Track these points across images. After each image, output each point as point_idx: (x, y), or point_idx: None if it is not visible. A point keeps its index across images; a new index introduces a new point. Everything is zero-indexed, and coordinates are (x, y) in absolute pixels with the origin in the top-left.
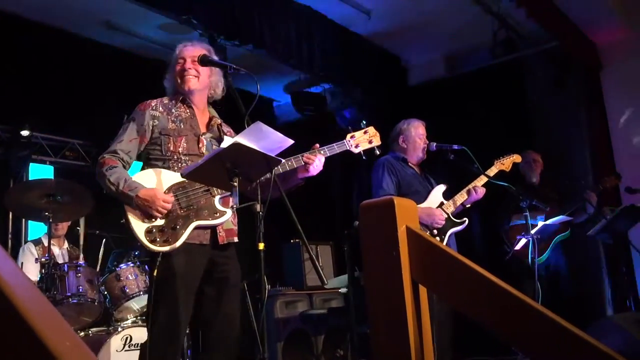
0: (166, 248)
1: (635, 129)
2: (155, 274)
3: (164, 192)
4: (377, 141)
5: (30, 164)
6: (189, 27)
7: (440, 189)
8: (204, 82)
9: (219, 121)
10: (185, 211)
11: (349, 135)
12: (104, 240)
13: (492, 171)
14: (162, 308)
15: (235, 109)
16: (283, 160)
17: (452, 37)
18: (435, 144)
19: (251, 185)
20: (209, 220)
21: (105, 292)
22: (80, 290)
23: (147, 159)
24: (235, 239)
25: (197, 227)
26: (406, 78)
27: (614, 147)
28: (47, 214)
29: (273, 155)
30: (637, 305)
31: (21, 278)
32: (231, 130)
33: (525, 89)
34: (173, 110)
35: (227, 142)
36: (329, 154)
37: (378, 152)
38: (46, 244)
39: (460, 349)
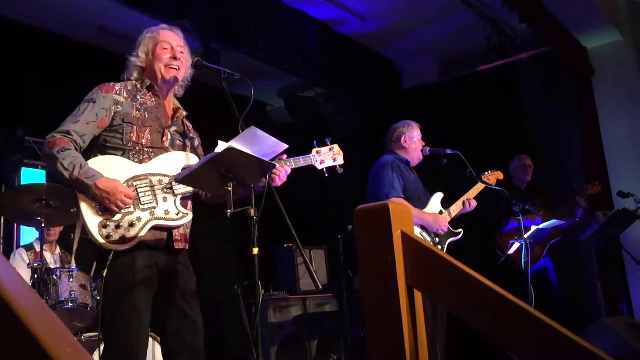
0: (122, 247)
1: (628, 133)
2: (105, 274)
3: (124, 184)
4: (340, 160)
5: (22, 168)
6: (184, 32)
7: (439, 196)
8: (183, 75)
9: (184, 114)
10: (144, 208)
11: (314, 150)
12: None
13: (477, 190)
14: (120, 318)
15: (229, 113)
16: (277, 165)
17: (446, 42)
18: (428, 148)
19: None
20: (168, 221)
21: (98, 297)
22: (73, 295)
23: (103, 147)
24: (186, 247)
25: (155, 227)
26: (400, 82)
27: (606, 152)
28: (39, 218)
29: (267, 160)
30: (629, 309)
31: (21, 284)
32: (191, 126)
33: (517, 93)
34: (138, 97)
35: (221, 146)
36: (294, 167)
37: (341, 171)
38: (38, 250)
39: (455, 354)
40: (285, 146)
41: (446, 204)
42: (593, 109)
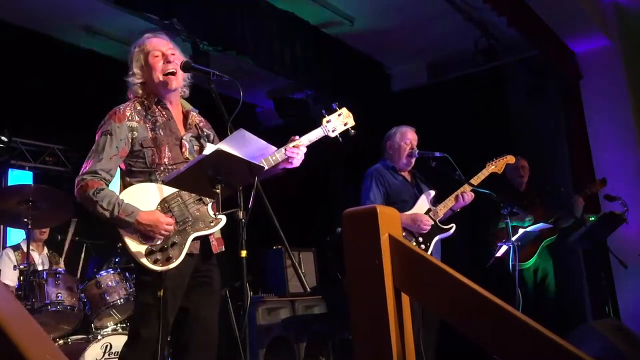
0: (170, 266)
1: (615, 137)
2: (161, 294)
3: (157, 209)
4: (351, 122)
5: (9, 169)
6: (172, 33)
7: (428, 195)
8: (182, 77)
9: (195, 115)
10: (181, 225)
11: (324, 120)
12: (84, 246)
13: (484, 174)
14: (152, 325)
15: (217, 114)
16: (266, 167)
17: (435, 45)
18: (417, 151)
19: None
20: (205, 230)
21: (85, 300)
22: (59, 297)
23: (130, 171)
24: (223, 249)
25: (194, 239)
26: (389, 84)
27: (593, 155)
28: (25, 220)
29: (256, 162)
30: (615, 311)
31: (1, 290)
32: (203, 120)
33: (505, 96)
34: (149, 117)
35: (209, 149)
36: (309, 143)
37: (353, 132)
38: (25, 250)
39: (443, 358)
40: (274, 148)
41: (440, 202)
42: (581, 112)
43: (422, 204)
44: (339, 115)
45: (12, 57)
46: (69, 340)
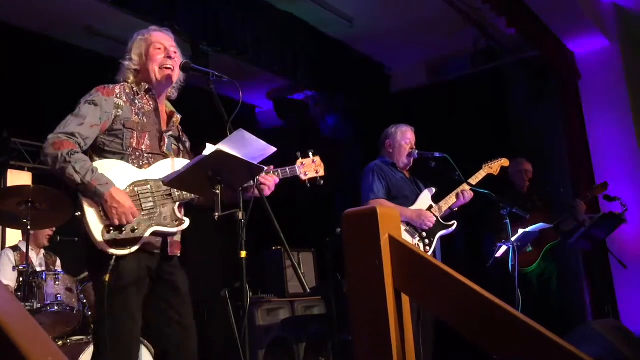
0: (123, 252)
1: (614, 137)
2: (107, 279)
3: (126, 190)
4: (322, 172)
5: (8, 170)
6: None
7: (430, 192)
8: (177, 75)
9: (180, 117)
10: (145, 213)
11: (299, 162)
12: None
13: (480, 175)
14: (118, 321)
15: (217, 115)
16: (265, 168)
17: (434, 45)
18: (417, 151)
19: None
20: (167, 227)
21: (85, 300)
22: (59, 298)
23: (101, 150)
24: (179, 253)
25: (154, 233)
26: (388, 85)
27: (592, 155)
28: (25, 221)
29: (256, 163)
30: (615, 311)
31: (3, 292)
32: (183, 132)
33: (504, 97)
34: (136, 101)
35: (209, 149)
36: (282, 177)
37: (321, 183)
38: (24, 251)
39: (441, 357)
40: (274, 149)
41: (440, 200)
42: (580, 113)
43: (424, 201)
44: (313, 161)
45: (12, 58)
46: (69, 341)
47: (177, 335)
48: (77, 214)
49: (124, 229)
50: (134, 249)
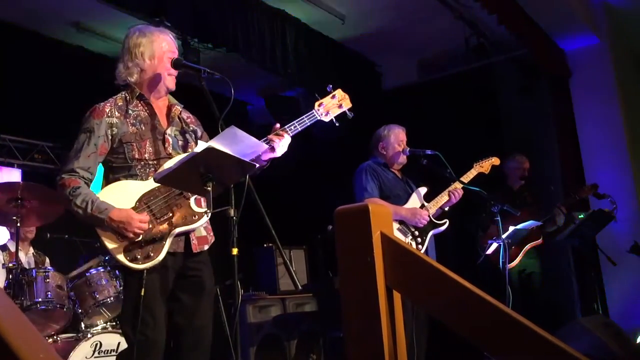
0: (149, 264)
1: (604, 135)
2: (143, 293)
3: (135, 206)
4: (347, 104)
5: None
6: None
7: (421, 191)
8: None
9: (179, 109)
10: (161, 220)
11: (317, 104)
12: (74, 244)
13: (472, 174)
14: (146, 327)
15: (208, 112)
16: (258, 165)
17: (426, 43)
18: (408, 149)
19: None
20: (187, 225)
21: (75, 298)
22: (49, 296)
23: (111, 168)
24: (206, 247)
25: (177, 235)
26: (380, 82)
27: (582, 153)
28: (15, 218)
29: (247, 160)
30: (604, 308)
31: None
32: (191, 116)
33: (495, 94)
34: (130, 112)
35: (200, 146)
36: (300, 129)
37: (351, 115)
38: (12, 250)
39: (434, 355)
40: (265, 146)
41: (432, 198)
42: (570, 110)
43: (416, 200)
44: (333, 97)
45: (0, 54)
46: (59, 338)
47: (193, 332)
48: (97, 245)
49: (144, 243)
50: (160, 257)
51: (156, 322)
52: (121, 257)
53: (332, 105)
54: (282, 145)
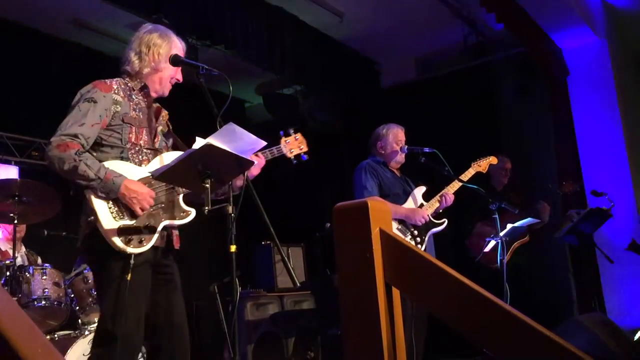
0: (140, 249)
1: (601, 133)
2: (129, 278)
3: None
4: (305, 147)
5: None
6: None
7: (420, 190)
8: None
9: (166, 113)
10: (154, 210)
11: (283, 140)
12: (71, 241)
13: (470, 173)
14: (130, 319)
15: (207, 109)
16: (255, 162)
17: (424, 41)
18: (406, 146)
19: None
20: (176, 219)
21: (72, 295)
22: (46, 293)
23: (99, 144)
24: (178, 247)
25: (164, 227)
26: (378, 80)
27: (580, 151)
28: (12, 215)
29: (246, 157)
30: (602, 306)
31: None
32: (170, 130)
33: (493, 92)
34: (133, 97)
35: (199, 143)
36: (270, 157)
37: (306, 158)
38: (4, 249)
39: (432, 351)
40: (264, 143)
41: (430, 197)
42: (568, 109)
43: (414, 200)
44: (295, 139)
45: None
46: (56, 335)
47: (171, 331)
48: (89, 219)
49: (138, 227)
50: (150, 245)
51: (140, 320)
52: (114, 237)
53: (294, 145)
54: (257, 166)
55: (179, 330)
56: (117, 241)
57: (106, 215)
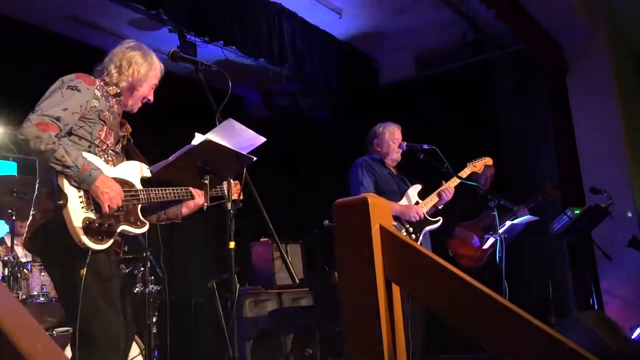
0: (101, 246)
1: (600, 131)
2: (84, 273)
3: None
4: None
5: None
6: (159, 23)
7: (416, 188)
8: None
9: (129, 128)
10: (117, 212)
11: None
12: None
13: (465, 173)
14: (105, 318)
15: (206, 105)
16: (255, 159)
17: (423, 38)
18: (405, 143)
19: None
20: (133, 227)
21: None
22: (45, 289)
23: (68, 133)
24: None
25: (120, 232)
26: (377, 77)
27: (578, 149)
28: (10, 211)
29: (245, 152)
30: (600, 303)
31: None
32: (129, 144)
33: (492, 90)
34: (110, 99)
35: (198, 138)
36: (220, 194)
37: (240, 205)
38: (9, 244)
39: (432, 346)
40: (263, 139)
41: (426, 195)
42: (567, 106)
43: (411, 197)
44: (235, 185)
45: None
46: (54, 332)
47: (127, 327)
48: (59, 202)
49: (101, 223)
50: (108, 244)
51: (118, 314)
52: (77, 227)
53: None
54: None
55: (130, 327)
56: (80, 231)
57: (75, 203)
